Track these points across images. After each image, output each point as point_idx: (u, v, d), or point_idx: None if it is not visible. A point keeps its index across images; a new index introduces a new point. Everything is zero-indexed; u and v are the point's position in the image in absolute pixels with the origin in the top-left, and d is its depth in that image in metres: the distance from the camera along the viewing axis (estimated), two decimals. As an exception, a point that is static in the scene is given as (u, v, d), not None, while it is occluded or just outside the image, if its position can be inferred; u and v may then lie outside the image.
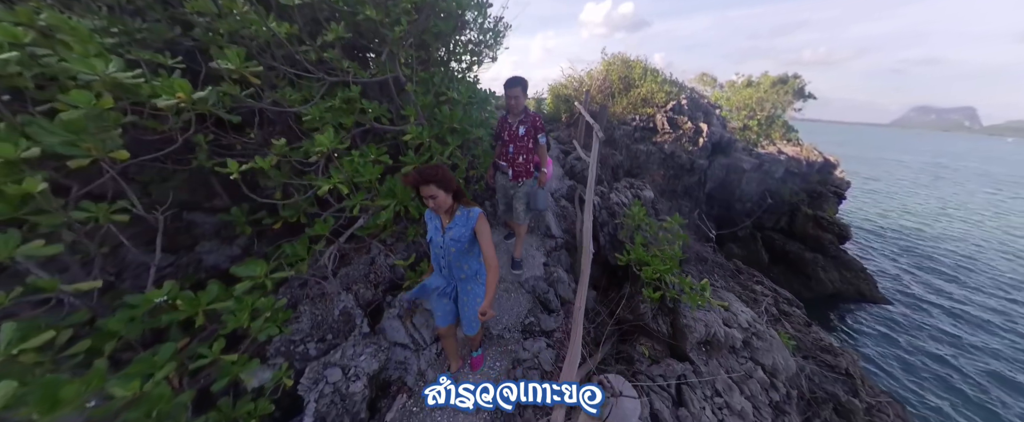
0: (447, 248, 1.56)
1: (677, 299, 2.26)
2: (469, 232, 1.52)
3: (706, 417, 1.97)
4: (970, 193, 24.29)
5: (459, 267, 1.62)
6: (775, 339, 2.40)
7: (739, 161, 9.24)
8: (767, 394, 2.23)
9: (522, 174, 2.49)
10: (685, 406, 1.98)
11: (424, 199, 1.46)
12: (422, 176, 1.42)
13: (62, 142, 1.43)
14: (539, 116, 2.48)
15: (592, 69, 7.76)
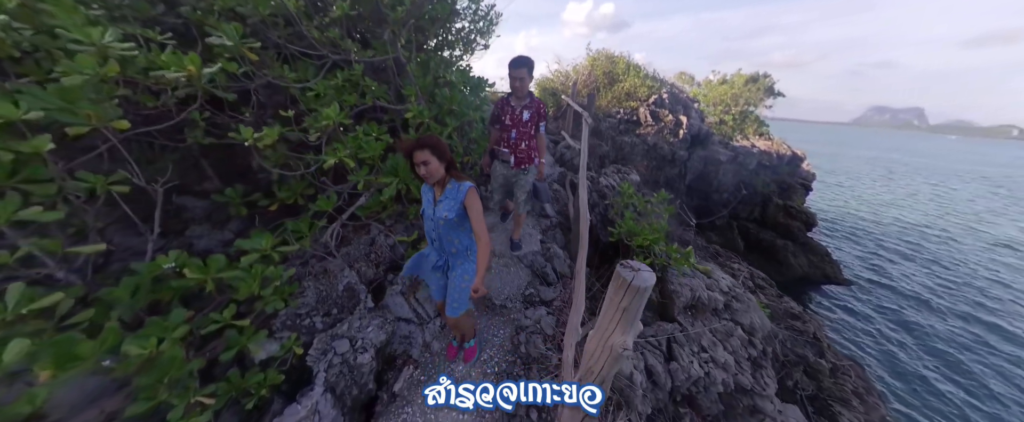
0: (437, 221, 1.55)
1: (665, 267, 2.46)
2: (458, 206, 1.51)
3: (694, 369, 2.16)
4: (917, 185, 26.65)
5: (450, 241, 1.61)
6: (752, 302, 2.64)
7: (716, 153, 9.76)
8: (746, 349, 2.46)
9: (524, 161, 2.34)
10: (676, 360, 2.16)
11: (416, 166, 1.45)
12: (418, 141, 1.42)
13: (59, 109, 1.40)
14: (543, 103, 2.34)
15: (578, 64, 7.98)
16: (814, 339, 3.72)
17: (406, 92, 2.28)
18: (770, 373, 2.54)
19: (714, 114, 10.94)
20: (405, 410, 1.91)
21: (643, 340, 2.24)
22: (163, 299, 1.53)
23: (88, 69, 1.37)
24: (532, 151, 2.35)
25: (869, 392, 4.20)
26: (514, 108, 2.26)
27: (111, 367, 1.19)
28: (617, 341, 0.68)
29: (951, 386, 6.16)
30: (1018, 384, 6.30)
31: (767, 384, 2.45)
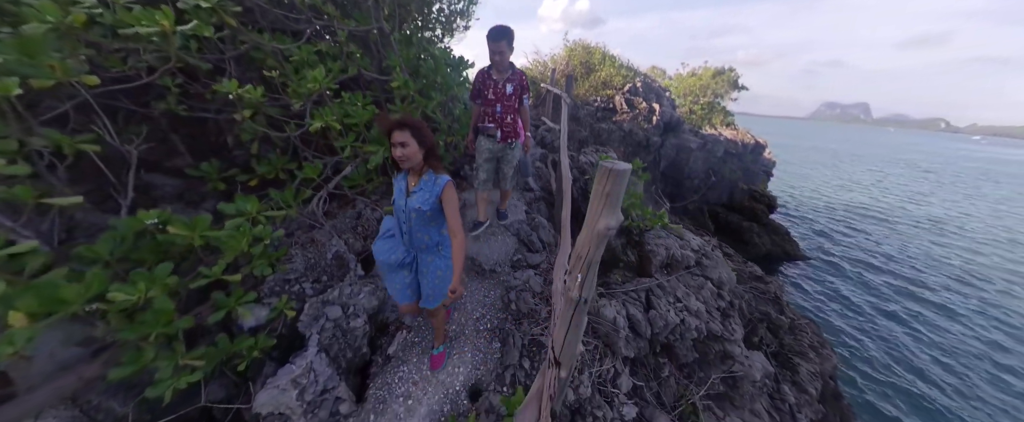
0: (409, 213, 1.45)
1: (642, 230, 2.65)
2: (433, 199, 1.42)
3: (670, 317, 2.36)
4: (860, 172, 29.45)
5: (420, 235, 1.51)
6: (719, 259, 2.91)
7: (687, 141, 10.32)
8: (716, 300, 2.71)
9: (511, 135, 2.29)
10: (654, 309, 2.35)
11: (393, 147, 1.33)
12: (400, 119, 1.31)
13: (19, 60, 1.33)
14: (525, 74, 2.27)
15: (556, 54, 8.14)
16: (775, 298, 4.11)
17: (391, 63, 2.29)
18: (737, 321, 2.81)
19: (684, 104, 11.53)
20: (401, 369, 1.96)
21: (624, 294, 2.42)
22: (145, 261, 1.48)
23: (52, 16, 1.30)
24: (517, 125, 2.30)
25: (822, 345, 4.69)
26: (496, 81, 2.19)
27: (98, 309, 1.16)
28: (601, 225, 0.79)
29: (889, 336, 7.09)
30: (934, 327, 7.40)
31: (734, 330, 2.71)
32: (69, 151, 1.48)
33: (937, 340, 7.17)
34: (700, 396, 2.56)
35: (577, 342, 1.02)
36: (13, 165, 1.26)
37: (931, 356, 6.73)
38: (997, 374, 6.39)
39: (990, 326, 7.82)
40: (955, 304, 8.75)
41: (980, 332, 7.56)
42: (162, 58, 1.87)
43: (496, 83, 2.19)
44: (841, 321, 7.51)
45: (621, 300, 2.31)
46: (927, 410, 5.62)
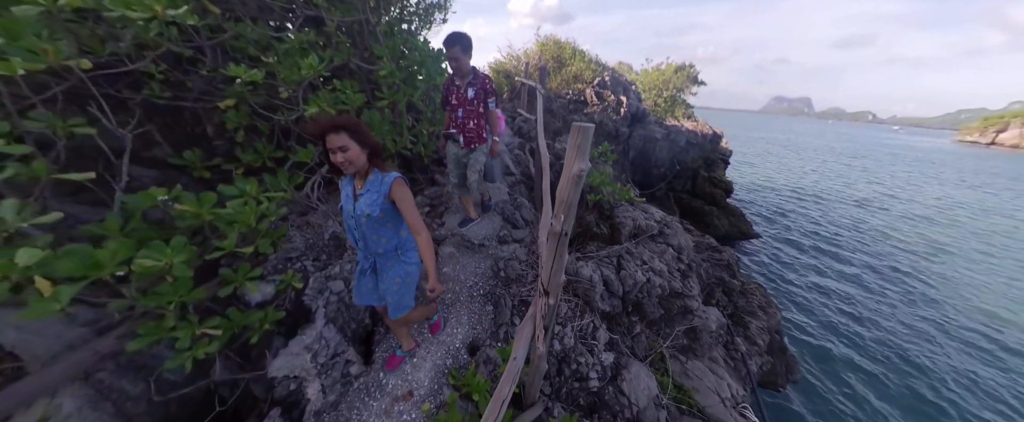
0: (358, 218, 1.35)
1: (612, 206, 3.00)
2: (382, 199, 1.32)
3: (638, 276, 2.73)
4: (803, 160, 32.92)
5: (374, 240, 1.41)
6: (679, 228, 3.35)
7: (653, 132, 11.08)
8: (676, 263, 3.14)
9: (474, 140, 2.29)
10: (624, 270, 2.71)
11: (331, 153, 1.21)
12: (332, 121, 1.18)
13: (9, 43, 1.36)
14: (489, 78, 2.26)
15: (528, 49, 8.42)
16: (728, 265, 4.72)
17: (378, 53, 2.42)
18: (695, 281, 3.27)
19: (649, 97, 12.30)
20: (403, 335, 2.15)
21: (598, 259, 2.76)
22: (152, 238, 1.55)
23: (43, 0, 1.33)
24: (482, 130, 2.28)
25: (769, 305, 5.42)
26: (459, 87, 2.19)
27: (122, 278, 1.25)
28: (575, 169, 1.06)
29: (826, 298, 8.29)
30: (861, 287, 8.82)
31: (693, 287, 3.16)
32: (62, 133, 1.51)
33: (863, 298, 8.46)
34: (666, 346, 2.98)
35: (561, 272, 1.30)
36: (19, 144, 1.30)
37: (858, 311, 7.94)
38: (912, 324, 7.68)
39: (904, 283, 9.34)
40: (879, 268, 10.31)
41: (897, 288, 9.02)
42: (138, 45, 1.88)
43: (458, 88, 2.20)
44: (786, 286, 8.64)
45: (596, 263, 2.65)
46: (857, 353, 6.65)
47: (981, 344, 7.09)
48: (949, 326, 7.59)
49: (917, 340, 7.13)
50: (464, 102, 2.21)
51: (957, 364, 6.51)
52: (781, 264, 10.38)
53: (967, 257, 11.77)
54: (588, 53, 8.78)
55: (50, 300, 1.04)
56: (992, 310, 8.19)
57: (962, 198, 20.74)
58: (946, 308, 8.21)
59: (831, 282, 9.26)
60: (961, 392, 5.88)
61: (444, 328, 2.13)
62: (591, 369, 2.28)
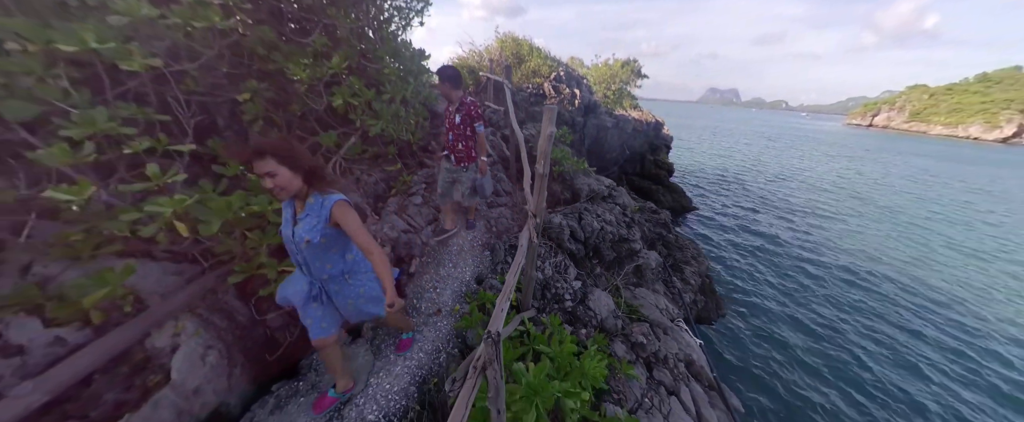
0: (298, 243, 1.28)
1: (572, 175, 3.86)
2: (322, 224, 1.26)
3: (594, 224, 3.65)
4: (732, 142, 38.13)
5: (318, 267, 1.36)
6: (623, 191, 4.37)
7: (604, 121, 12.44)
8: (623, 218, 4.14)
9: (463, 159, 2.53)
10: (584, 221, 3.62)
11: (261, 179, 1.15)
12: (256, 147, 1.11)
13: (110, 45, 1.75)
14: (476, 103, 2.45)
15: (489, 45, 9.06)
16: (665, 223, 5.96)
17: (379, 54, 2.95)
18: (637, 231, 4.31)
19: (599, 90, 13.66)
20: (424, 278, 2.80)
21: (563, 214, 3.63)
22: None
23: (135, 11, 1.73)
24: (471, 150, 2.51)
25: (699, 255, 6.86)
26: (450, 113, 2.48)
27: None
28: (547, 130, 1.84)
29: (748, 252, 10.30)
30: (775, 242, 10.97)
31: (635, 235, 4.19)
32: (144, 120, 1.91)
33: (775, 250, 10.68)
34: (619, 279, 3.97)
35: (543, 202, 2.08)
36: (129, 126, 1.72)
37: (773, 260, 10.05)
38: (818, 273, 9.90)
39: (807, 239, 11.88)
40: (795, 227, 12.88)
41: (801, 242, 11.46)
42: (189, 49, 2.24)
43: (450, 114, 2.49)
44: (717, 244, 10.60)
45: (563, 215, 3.51)
46: (772, 298, 8.52)
47: (853, 273, 9.53)
48: (834, 268, 9.99)
49: (810, 278, 9.33)
50: (453, 126, 2.47)
51: (838, 292, 8.68)
52: (710, 225, 12.56)
53: (844, 211, 15.17)
54: (544, 50, 9.68)
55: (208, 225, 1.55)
56: (862, 248, 11.02)
57: (840, 169, 26.00)
58: (838, 254, 10.71)
59: (750, 238, 11.51)
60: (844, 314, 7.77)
61: (412, 349, 2.01)
62: (566, 292, 3.14)
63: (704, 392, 3.31)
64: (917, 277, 9.40)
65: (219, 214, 1.62)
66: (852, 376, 5.87)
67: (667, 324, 3.72)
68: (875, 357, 6.35)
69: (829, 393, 5.42)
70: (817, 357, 6.28)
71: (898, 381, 5.81)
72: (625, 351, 2.85)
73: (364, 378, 1.87)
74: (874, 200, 17.57)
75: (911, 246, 11.59)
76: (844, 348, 6.57)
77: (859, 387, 5.65)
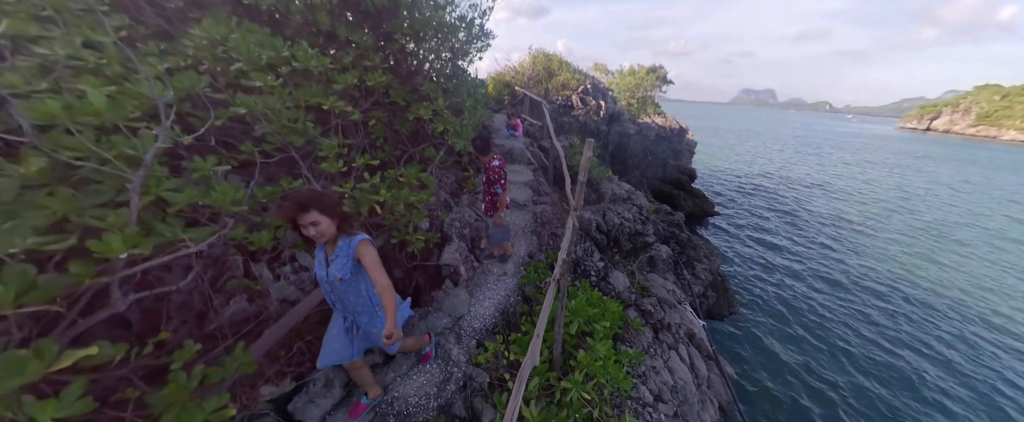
0: (333, 283, 1.49)
1: (598, 181, 4.92)
2: (350, 262, 1.46)
3: (615, 220, 4.72)
4: (763, 146, 37.15)
5: (351, 301, 1.57)
6: (641, 195, 5.38)
7: (627, 128, 13.30)
8: (638, 215, 5.17)
9: (489, 208, 3.22)
10: (607, 216, 4.69)
11: (303, 229, 1.35)
12: (300, 203, 1.31)
13: (336, 103, 3.05)
14: (499, 170, 2.94)
15: (523, 61, 10.28)
16: (678, 224, 6.88)
17: (459, 90, 4.18)
18: (651, 227, 5.32)
19: (623, 99, 14.53)
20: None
21: (590, 212, 4.72)
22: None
23: (348, 81, 3.02)
24: (494, 202, 3.15)
25: (711, 254, 7.67)
26: (486, 172, 3.09)
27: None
28: (586, 154, 2.98)
29: (766, 254, 10.79)
30: (795, 249, 11.34)
31: (649, 230, 5.21)
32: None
33: (792, 257, 11.11)
34: (635, 266, 5.00)
35: (582, 198, 3.20)
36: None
37: (791, 267, 10.52)
38: (838, 279, 10.30)
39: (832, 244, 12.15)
40: (814, 236, 13.14)
41: (821, 254, 11.77)
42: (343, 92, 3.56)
43: (485, 173, 3.10)
44: (735, 243, 11.21)
45: (591, 212, 4.61)
46: (785, 302, 9.09)
47: (872, 281, 9.85)
48: (861, 279, 10.30)
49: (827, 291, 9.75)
50: (484, 184, 3.17)
51: (849, 307, 9.08)
52: (733, 231, 13.04)
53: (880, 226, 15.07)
54: (572, 64, 10.76)
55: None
56: (885, 263, 11.19)
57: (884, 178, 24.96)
58: (860, 268, 10.81)
59: (767, 244, 11.96)
60: (855, 324, 8.05)
61: (435, 357, 2.25)
62: (591, 269, 4.24)
63: (702, 359, 4.28)
64: (957, 305, 8.68)
65: (404, 198, 2.86)
66: (856, 382, 6.11)
67: (673, 302, 4.71)
68: (881, 378, 6.25)
69: (831, 391, 5.93)
70: (823, 367, 6.46)
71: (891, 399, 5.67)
72: (636, 315, 3.91)
73: (467, 309, 3.07)
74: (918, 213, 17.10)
75: (951, 272, 10.54)
76: (850, 357, 6.79)
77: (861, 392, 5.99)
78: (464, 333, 2.77)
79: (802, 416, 5.40)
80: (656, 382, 3.23)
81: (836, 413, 5.43)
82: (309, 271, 2.60)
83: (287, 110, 2.54)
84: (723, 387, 4.39)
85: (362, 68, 3.33)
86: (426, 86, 3.83)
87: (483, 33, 4.44)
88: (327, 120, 3.14)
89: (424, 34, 3.67)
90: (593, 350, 2.64)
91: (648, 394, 3.05)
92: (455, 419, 2.07)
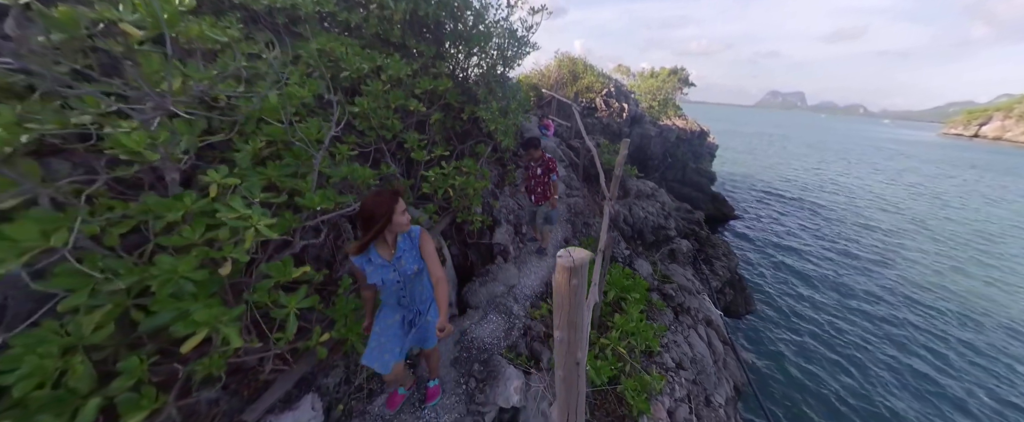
0: (406, 279, 1.54)
1: (625, 177, 5.42)
2: (416, 251, 1.53)
3: (640, 214, 5.23)
4: (788, 150, 36.36)
5: (421, 293, 1.64)
6: (664, 193, 5.86)
7: (648, 130, 13.67)
8: (661, 210, 5.66)
9: (541, 199, 3.60)
10: (632, 210, 5.22)
11: (399, 216, 1.43)
12: (393, 194, 1.41)
13: (419, 107, 3.72)
14: (553, 159, 3.41)
15: (548, 65, 10.86)
16: (698, 222, 7.29)
17: (480, 96, 4.80)
18: (672, 222, 5.80)
19: (645, 101, 14.89)
20: (531, 245, 4.58)
21: (619, 204, 5.26)
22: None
23: (425, 86, 3.69)
24: (547, 192, 3.56)
25: (730, 253, 8.02)
26: (532, 166, 3.57)
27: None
28: (622, 153, 3.53)
29: (783, 259, 10.94)
30: (817, 258, 11.42)
31: (671, 225, 5.69)
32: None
33: (809, 262, 11.20)
34: (657, 257, 5.49)
35: (615, 191, 3.76)
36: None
37: (806, 273, 10.66)
38: (854, 285, 10.39)
39: (857, 254, 12.15)
40: (833, 247, 13.13)
41: (850, 258, 11.80)
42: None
43: (533, 167, 3.58)
44: (754, 246, 11.39)
45: (619, 206, 5.14)
46: (801, 311, 9.30)
47: (897, 295, 9.88)
48: (883, 292, 10.34)
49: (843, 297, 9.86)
50: (534, 176, 3.56)
51: (867, 318, 9.18)
52: (753, 235, 13.18)
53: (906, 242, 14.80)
54: (596, 67, 11.27)
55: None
56: (906, 274, 11.10)
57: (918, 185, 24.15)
58: (887, 279, 10.74)
59: (785, 249, 12.07)
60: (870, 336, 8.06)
61: (439, 398, 2.15)
62: (619, 255, 4.77)
63: (719, 341, 4.73)
64: (998, 331, 8.18)
65: (471, 185, 3.49)
66: (864, 389, 6.25)
67: (693, 291, 5.18)
68: (873, 376, 6.41)
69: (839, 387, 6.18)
70: (837, 374, 6.52)
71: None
72: (658, 298, 4.41)
73: (517, 280, 3.67)
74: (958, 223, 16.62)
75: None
76: (862, 362, 7.00)
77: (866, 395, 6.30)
78: (518, 297, 3.37)
79: (818, 407, 5.73)
80: (677, 352, 3.74)
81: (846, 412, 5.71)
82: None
83: (382, 110, 3.21)
84: (738, 369, 4.82)
85: (431, 75, 4.00)
86: (480, 92, 4.47)
87: (527, 44, 5.06)
88: (406, 118, 3.81)
89: (478, 47, 4.32)
90: (627, 313, 3.19)
91: (670, 361, 3.57)
92: (520, 356, 2.66)
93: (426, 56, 4.25)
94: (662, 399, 3.18)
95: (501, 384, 2.21)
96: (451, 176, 3.50)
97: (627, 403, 2.90)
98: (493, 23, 4.53)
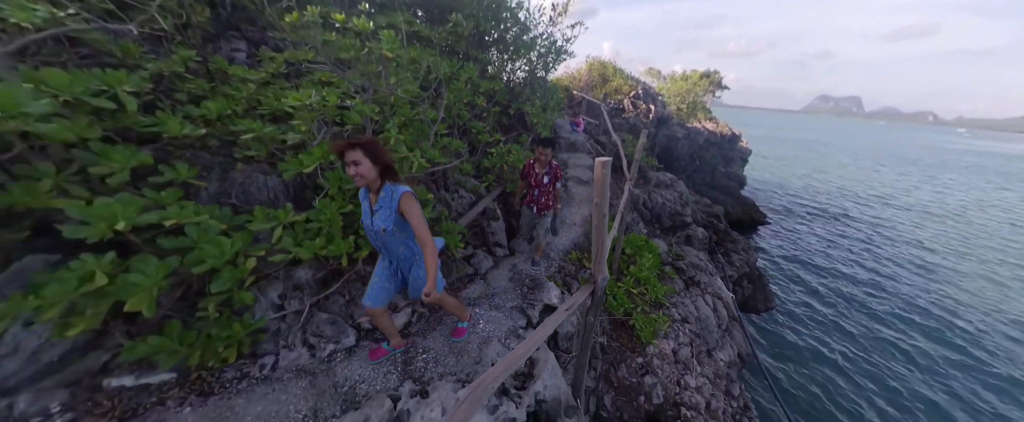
0: (377, 231, 1.57)
1: (646, 169, 6.32)
2: (393, 213, 1.52)
3: (659, 200, 6.15)
4: (828, 162, 34.72)
5: (397, 250, 1.67)
6: (682, 183, 6.71)
7: (675, 132, 14.29)
8: (679, 199, 6.53)
9: (543, 209, 3.25)
10: (652, 197, 6.15)
11: (347, 167, 1.43)
12: (350, 141, 1.41)
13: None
14: (560, 167, 3.17)
15: (580, 68, 11.93)
16: (716, 215, 8.01)
17: (525, 95, 5.92)
18: (689, 210, 6.65)
19: (673, 103, 15.52)
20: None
21: (639, 189, 6.20)
22: (497, 163, 5.10)
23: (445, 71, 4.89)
24: (549, 200, 3.22)
25: (748, 248, 8.63)
26: (538, 173, 3.11)
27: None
28: (642, 139, 4.54)
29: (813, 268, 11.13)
30: (849, 270, 11.47)
31: (688, 212, 6.54)
32: (475, 129, 5.09)
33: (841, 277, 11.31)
34: (674, 240, 6.36)
35: (635, 171, 4.76)
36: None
37: (838, 287, 10.80)
38: (878, 299, 10.47)
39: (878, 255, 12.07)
40: (870, 261, 13.03)
41: (870, 260, 11.78)
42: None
43: (537, 174, 3.12)
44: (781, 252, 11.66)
45: (639, 191, 6.09)
46: (826, 294, 9.59)
47: (936, 319, 9.82)
48: (910, 309, 10.29)
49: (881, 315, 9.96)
50: (540, 184, 3.14)
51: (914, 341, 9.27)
52: (782, 243, 13.33)
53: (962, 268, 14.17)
54: (624, 70, 12.17)
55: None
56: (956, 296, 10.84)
57: (984, 201, 22.45)
58: (925, 303, 10.67)
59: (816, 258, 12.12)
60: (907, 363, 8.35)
61: (466, 337, 2.28)
62: (637, 234, 5.71)
63: (724, 309, 5.53)
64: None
65: (520, 162, 4.64)
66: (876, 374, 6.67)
67: (706, 269, 6.00)
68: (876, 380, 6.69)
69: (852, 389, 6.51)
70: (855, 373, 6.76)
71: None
72: (670, 269, 5.32)
73: (547, 245, 4.74)
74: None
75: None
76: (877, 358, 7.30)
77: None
78: (552, 251, 4.44)
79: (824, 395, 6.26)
80: (683, 310, 4.65)
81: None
82: (466, 196, 4.44)
83: (459, 104, 4.45)
84: (743, 340, 5.58)
85: (487, 78, 5.23)
86: (526, 92, 5.65)
87: (565, 52, 6.20)
88: (471, 110, 5.04)
89: (522, 56, 5.52)
90: (641, 265, 4.17)
91: (677, 314, 4.49)
92: (560, 284, 3.73)
93: (483, 63, 5.50)
94: (667, 341, 4.13)
95: (545, 292, 3.27)
96: (505, 155, 4.66)
97: (637, 336, 3.89)
98: (539, 36, 5.71)
